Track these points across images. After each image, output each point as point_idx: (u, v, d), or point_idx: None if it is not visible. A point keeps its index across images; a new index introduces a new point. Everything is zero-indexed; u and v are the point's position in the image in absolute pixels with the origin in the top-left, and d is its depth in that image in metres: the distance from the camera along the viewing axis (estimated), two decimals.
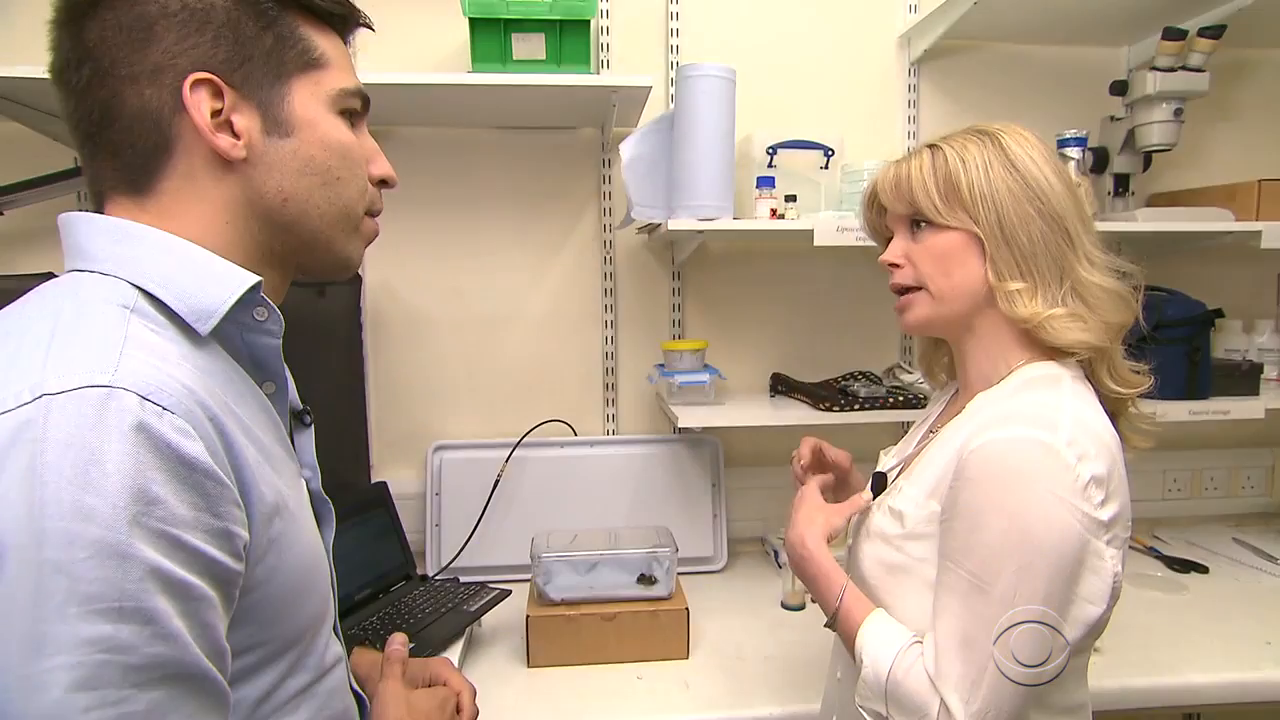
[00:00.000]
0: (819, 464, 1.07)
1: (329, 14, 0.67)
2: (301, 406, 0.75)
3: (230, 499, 0.53)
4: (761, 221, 1.43)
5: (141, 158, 0.61)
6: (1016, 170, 0.82)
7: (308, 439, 0.74)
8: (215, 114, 0.60)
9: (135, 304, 0.56)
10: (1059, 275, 0.82)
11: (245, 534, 0.54)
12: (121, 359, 0.51)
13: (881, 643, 0.80)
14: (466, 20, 1.38)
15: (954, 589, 0.76)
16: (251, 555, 0.56)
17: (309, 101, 0.64)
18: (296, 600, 0.61)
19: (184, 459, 0.50)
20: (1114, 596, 0.77)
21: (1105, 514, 0.75)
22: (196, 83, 0.59)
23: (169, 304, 0.58)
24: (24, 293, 0.59)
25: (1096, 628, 0.77)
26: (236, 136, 0.61)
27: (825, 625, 0.87)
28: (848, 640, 0.84)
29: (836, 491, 1.06)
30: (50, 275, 0.62)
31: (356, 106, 0.69)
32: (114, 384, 0.49)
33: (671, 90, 1.60)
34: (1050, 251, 0.81)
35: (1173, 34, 1.47)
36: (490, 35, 1.39)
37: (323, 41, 0.66)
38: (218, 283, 0.60)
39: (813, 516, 0.92)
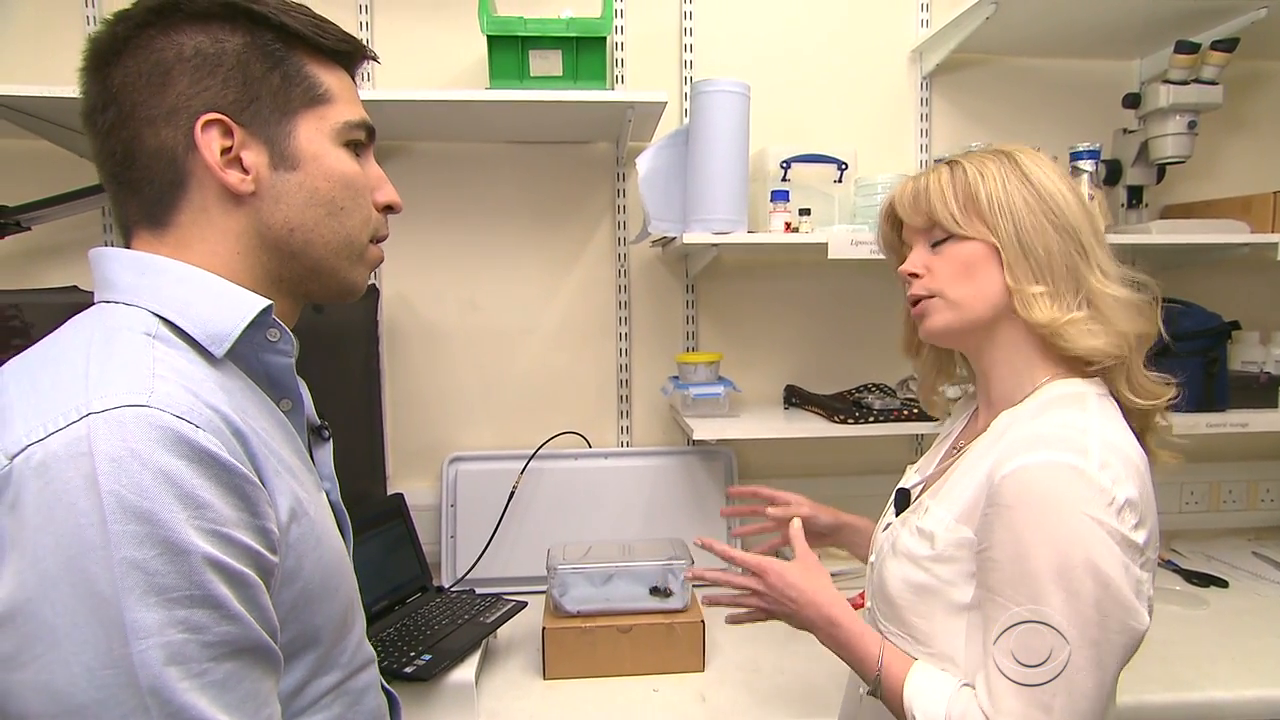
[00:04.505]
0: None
1: (334, 51, 0.70)
2: (320, 422, 0.78)
3: (265, 499, 0.58)
4: (775, 235, 1.44)
5: (159, 193, 0.65)
6: (1031, 184, 0.84)
7: (326, 453, 0.78)
8: (225, 151, 0.64)
9: (157, 331, 0.60)
10: (1074, 285, 0.83)
11: (277, 530, 0.59)
12: (155, 382, 0.55)
13: (931, 696, 0.79)
14: (485, 37, 1.40)
15: (1001, 622, 0.75)
16: (278, 554, 0.59)
17: (314, 136, 0.68)
18: (317, 602, 0.64)
19: (224, 465, 0.55)
20: (1150, 613, 0.76)
21: (1140, 537, 0.74)
22: (208, 123, 0.63)
23: (186, 330, 0.62)
24: (50, 304, 0.62)
25: (1138, 641, 0.76)
26: (245, 172, 0.65)
27: (869, 693, 0.85)
28: (893, 699, 0.82)
29: (826, 537, 1.14)
30: (74, 288, 0.65)
31: (361, 138, 0.72)
32: (151, 404, 0.53)
33: (686, 105, 1.62)
34: (1065, 262, 0.83)
35: (1185, 47, 1.47)
36: (508, 52, 1.41)
37: (328, 77, 0.69)
38: (231, 308, 0.64)
39: (816, 581, 0.92)
